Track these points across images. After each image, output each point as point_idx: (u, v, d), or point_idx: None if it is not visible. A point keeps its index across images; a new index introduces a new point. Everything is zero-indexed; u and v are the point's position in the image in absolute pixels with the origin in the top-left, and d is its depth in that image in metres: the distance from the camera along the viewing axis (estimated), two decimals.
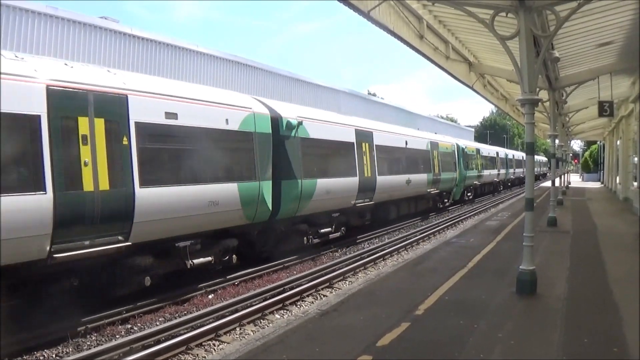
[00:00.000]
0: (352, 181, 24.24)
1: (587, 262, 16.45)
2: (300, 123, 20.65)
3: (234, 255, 18.17)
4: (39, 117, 11.63)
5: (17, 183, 11.34)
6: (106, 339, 12.29)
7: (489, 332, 9.63)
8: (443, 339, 9.27)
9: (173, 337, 12.08)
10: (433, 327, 9.96)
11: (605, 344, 9.00)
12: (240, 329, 13.20)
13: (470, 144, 53.27)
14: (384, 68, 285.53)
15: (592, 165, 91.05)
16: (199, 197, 15.72)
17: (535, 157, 66.82)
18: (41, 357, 11.26)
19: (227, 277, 17.52)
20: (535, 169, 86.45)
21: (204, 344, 12.13)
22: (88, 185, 12.53)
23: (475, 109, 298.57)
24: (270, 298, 15.36)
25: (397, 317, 10.47)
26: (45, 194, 11.57)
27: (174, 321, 13.11)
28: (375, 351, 8.66)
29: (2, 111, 10.83)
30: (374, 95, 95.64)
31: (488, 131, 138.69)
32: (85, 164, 12.52)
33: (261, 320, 13.94)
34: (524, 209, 12.56)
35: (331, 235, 23.89)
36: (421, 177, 34.05)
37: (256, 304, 14.70)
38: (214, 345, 12.18)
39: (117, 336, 12.39)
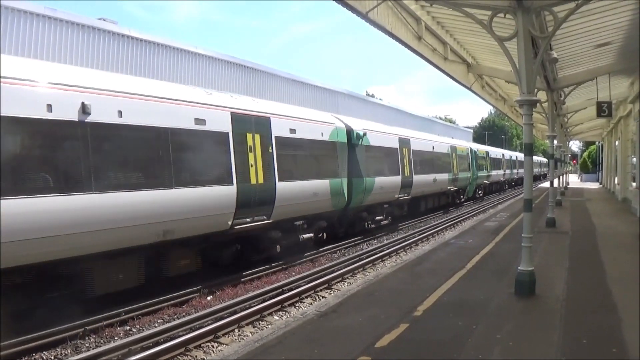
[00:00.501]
0: (397, 179, 30.00)
1: (586, 262, 16.47)
2: (364, 134, 26.49)
3: (324, 233, 24.75)
4: (228, 133, 17.41)
5: (219, 179, 16.99)
6: (105, 340, 12.27)
7: (487, 333, 9.63)
8: (442, 340, 9.26)
9: (172, 338, 12.08)
10: (432, 328, 9.96)
11: (604, 345, 8.99)
12: (239, 331, 13.20)
13: (481, 147, 59.61)
14: (383, 69, 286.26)
15: (590, 165, 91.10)
16: (308, 189, 21.62)
17: (536, 157, 68.15)
18: (39, 359, 11.25)
19: (226, 277, 17.53)
20: (535, 170, 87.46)
21: (202, 345, 12.12)
22: (253, 180, 18.33)
23: (474, 110, 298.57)
24: (269, 299, 15.36)
25: (396, 318, 10.48)
26: (233, 186, 17.22)
27: (173, 322, 13.10)
28: (374, 352, 8.65)
29: (215, 130, 16.94)
30: (372, 96, 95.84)
31: (486, 132, 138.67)
32: (251, 166, 18.34)
33: (260, 322, 13.93)
34: (523, 209, 12.54)
35: (382, 222, 29.89)
36: (444, 176, 40.37)
37: (255, 306, 14.70)
38: (213, 346, 12.18)
39: (116, 338, 12.38)
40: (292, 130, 21.04)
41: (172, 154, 15.25)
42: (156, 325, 13.32)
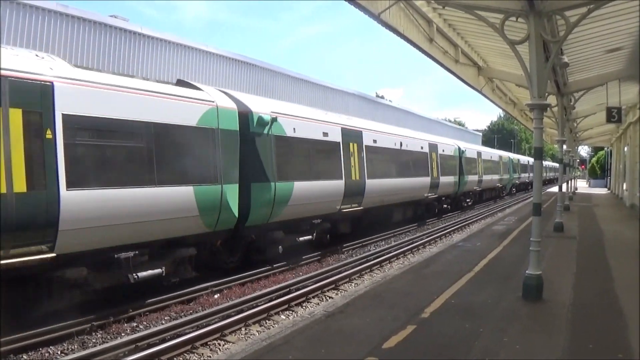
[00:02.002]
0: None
1: (593, 268, 16.44)
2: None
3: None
4: (339, 143, 23.86)
5: (334, 175, 23.15)
6: (112, 336, 12.32)
7: (494, 336, 9.63)
8: (449, 343, 9.28)
9: (178, 336, 12.10)
10: (439, 330, 9.95)
11: (610, 350, 8.99)
12: (245, 329, 13.21)
13: (513, 156, 72.00)
14: (392, 71, 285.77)
15: (599, 171, 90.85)
16: (392, 186, 28.91)
17: (548, 162, 67.24)
18: (46, 354, 11.29)
19: (233, 276, 17.56)
20: (546, 174, 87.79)
21: (209, 343, 12.15)
22: (353, 177, 24.56)
23: (483, 113, 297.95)
24: (276, 299, 15.38)
25: (403, 320, 10.50)
26: (342, 180, 23.55)
27: (180, 320, 13.14)
28: (381, 353, 8.67)
29: (333, 140, 23.44)
30: (382, 97, 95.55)
31: (495, 135, 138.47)
32: (352, 166, 24.58)
33: (267, 321, 13.94)
34: (533, 213, 12.52)
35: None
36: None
37: (262, 305, 14.70)
38: (220, 344, 12.19)
39: (123, 334, 12.43)
40: (375, 141, 27.64)
41: (316, 157, 22.62)
42: (163, 322, 13.36)
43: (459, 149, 44.03)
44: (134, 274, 13.83)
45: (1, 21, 20.49)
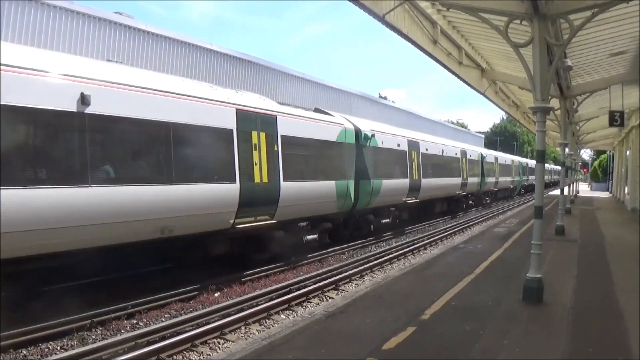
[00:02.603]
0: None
1: (594, 271, 16.45)
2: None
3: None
4: (406, 151, 30.39)
5: (403, 175, 28.56)
6: (111, 333, 12.31)
7: (494, 338, 9.63)
8: (449, 344, 9.29)
9: (178, 333, 12.10)
10: (439, 332, 9.96)
11: (610, 353, 8.99)
12: (245, 328, 13.21)
13: (523, 159, 77.37)
14: (395, 71, 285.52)
15: (601, 174, 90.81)
16: (438, 184, 35.13)
17: (550, 165, 68.92)
18: (46, 349, 11.29)
19: (233, 275, 17.57)
20: (549, 177, 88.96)
21: (209, 341, 12.15)
22: (414, 177, 31.05)
23: (486, 115, 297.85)
24: (276, 298, 15.37)
25: (403, 321, 10.50)
26: (407, 179, 29.82)
27: (180, 318, 13.12)
28: (381, 354, 8.68)
29: (401, 149, 29.69)
30: (385, 98, 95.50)
31: (498, 138, 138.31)
32: (413, 169, 30.92)
33: (266, 320, 13.94)
34: (534, 216, 12.52)
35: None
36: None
37: (262, 304, 14.69)
38: (219, 343, 12.20)
39: (122, 331, 12.42)
40: (427, 149, 33.89)
41: (394, 161, 29.48)
42: (163, 320, 13.33)
43: (481, 154, 51.34)
44: (304, 237, 21.23)
45: (3, 17, 20.52)
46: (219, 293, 16.01)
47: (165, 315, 13.76)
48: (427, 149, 34.62)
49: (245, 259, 19.18)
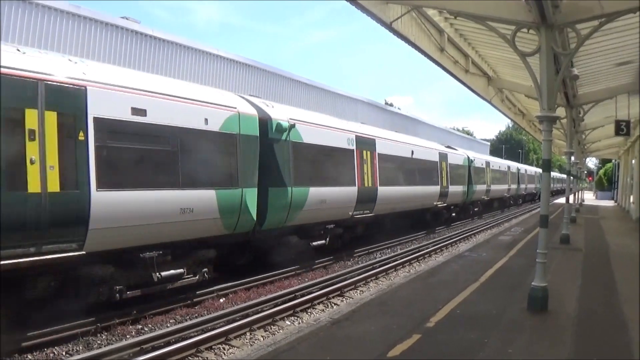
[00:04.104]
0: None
1: (598, 280, 16.46)
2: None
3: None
4: (437, 162, 35.99)
5: (435, 182, 35.16)
6: (117, 338, 12.32)
7: (499, 347, 9.66)
8: (454, 352, 9.32)
9: (183, 339, 12.11)
10: (444, 340, 9.99)
11: None
12: (250, 334, 13.19)
13: (521, 166, 75.18)
14: (402, 78, 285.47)
15: (606, 183, 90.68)
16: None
17: (555, 174, 68.93)
18: (51, 354, 11.31)
19: (239, 281, 17.55)
20: (554, 186, 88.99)
21: (214, 347, 12.13)
22: (444, 184, 37.05)
23: (492, 122, 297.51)
24: (281, 304, 15.35)
25: (408, 328, 10.53)
26: (438, 186, 35.89)
27: (185, 323, 13.14)
28: None
29: (431, 159, 35.36)
30: (391, 105, 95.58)
31: (503, 145, 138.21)
32: (443, 178, 37.19)
33: (271, 326, 13.92)
34: (539, 225, 12.53)
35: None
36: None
37: (267, 310, 14.70)
38: (224, 349, 12.19)
39: (128, 336, 12.43)
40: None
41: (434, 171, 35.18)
42: (168, 325, 13.35)
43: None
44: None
45: (3, 20, 20.59)
46: (224, 299, 16.00)
47: (171, 321, 13.75)
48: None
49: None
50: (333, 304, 16.33)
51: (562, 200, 43.83)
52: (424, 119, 70.36)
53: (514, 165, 69.25)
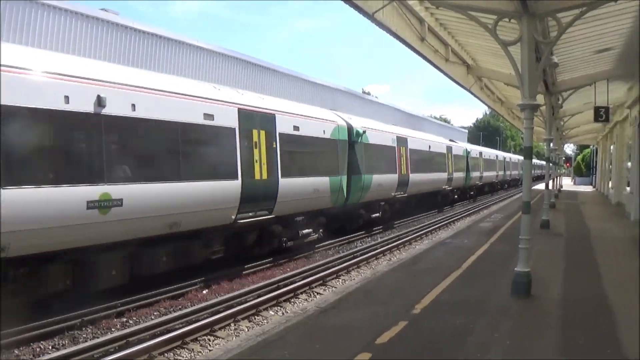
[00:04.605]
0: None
1: (580, 264, 16.63)
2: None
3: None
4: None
5: (443, 169, 42.60)
6: (102, 332, 12.33)
7: (485, 332, 9.77)
8: (441, 338, 9.41)
9: (169, 331, 12.15)
10: (431, 326, 10.08)
11: (600, 345, 9.14)
12: (235, 325, 13.29)
13: (506, 155, 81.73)
14: (379, 67, 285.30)
15: (584, 169, 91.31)
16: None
17: (534, 160, 70.45)
18: (38, 349, 11.29)
19: (220, 272, 17.60)
20: (537, 172, 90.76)
21: (199, 339, 12.20)
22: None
23: (470, 109, 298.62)
24: (264, 295, 15.42)
25: (395, 316, 10.60)
26: (446, 173, 44.10)
27: (169, 315, 13.21)
28: (374, 349, 8.76)
29: (442, 152, 43.07)
30: (369, 94, 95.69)
31: (481, 133, 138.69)
32: (449, 166, 44.16)
33: (255, 317, 14.04)
34: (522, 211, 12.65)
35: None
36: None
37: (251, 300, 14.79)
38: (210, 340, 12.25)
39: (113, 329, 12.44)
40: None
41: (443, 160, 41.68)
42: (152, 317, 13.40)
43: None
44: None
45: (3, 20, 20.46)
46: (207, 290, 16.04)
47: (155, 313, 13.78)
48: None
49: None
50: (316, 294, 16.47)
51: (541, 186, 44.18)
52: (403, 108, 70.48)
53: (501, 154, 79.83)
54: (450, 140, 51.37)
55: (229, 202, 17.19)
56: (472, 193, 57.00)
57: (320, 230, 23.87)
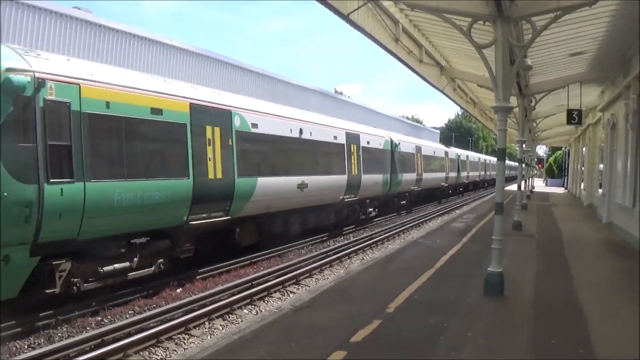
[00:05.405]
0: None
1: (552, 265, 16.76)
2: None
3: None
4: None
5: (442, 170, 53.21)
6: (77, 330, 12.25)
7: (459, 331, 9.87)
8: (415, 337, 9.50)
9: (143, 330, 12.13)
10: (404, 325, 10.16)
11: (571, 345, 9.27)
12: (209, 323, 13.28)
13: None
14: (351, 66, 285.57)
15: (556, 170, 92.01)
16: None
17: (508, 162, 71.88)
18: (13, 348, 11.22)
19: (195, 270, 17.60)
20: (510, 173, 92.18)
21: (174, 337, 12.17)
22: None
23: (443, 109, 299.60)
24: (237, 293, 15.43)
25: (369, 315, 10.68)
26: (444, 173, 54.52)
27: (144, 314, 13.13)
28: (349, 347, 8.84)
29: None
30: (341, 94, 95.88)
31: (453, 133, 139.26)
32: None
33: (230, 315, 14.04)
34: (495, 212, 12.76)
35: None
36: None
37: (224, 299, 14.80)
38: (184, 338, 12.22)
39: (88, 328, 12.37)
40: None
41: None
42: (127, 316, 13.34)
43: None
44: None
45: (3, 20, 20.30)
46: (181, 289, 15.98)
47: (129, 312, 13.72)
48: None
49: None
50: (290, 292, 16.48)
51: (512, 187, 44.49)
52: (372, 107, 70.72)
53: (482, 157, 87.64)
54: (447, 146, 63.54)
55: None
56: (461, 190, 66.59)
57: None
